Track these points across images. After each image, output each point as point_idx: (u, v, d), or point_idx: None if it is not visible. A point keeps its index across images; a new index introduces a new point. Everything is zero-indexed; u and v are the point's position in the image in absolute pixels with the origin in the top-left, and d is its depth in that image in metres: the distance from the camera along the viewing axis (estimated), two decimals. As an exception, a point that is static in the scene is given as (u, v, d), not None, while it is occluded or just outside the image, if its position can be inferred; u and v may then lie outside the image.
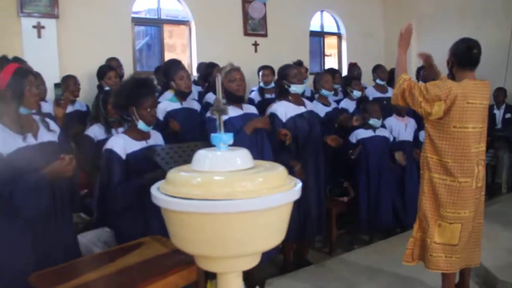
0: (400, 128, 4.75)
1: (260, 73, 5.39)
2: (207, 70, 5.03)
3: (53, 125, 2.57)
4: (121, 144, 2.80)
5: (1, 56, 2.46)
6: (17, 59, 2.44)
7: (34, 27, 5.33)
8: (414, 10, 8.08)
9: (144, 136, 2.91)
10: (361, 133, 4.49)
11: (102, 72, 4.78)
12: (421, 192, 2.89)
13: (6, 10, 5.23)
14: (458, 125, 2.71)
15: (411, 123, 4.85)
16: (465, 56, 2.82)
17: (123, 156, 2.77)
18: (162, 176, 2.50)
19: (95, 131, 3.66)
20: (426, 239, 2.84)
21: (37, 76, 2.52)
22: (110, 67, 4.88)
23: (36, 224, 2.36)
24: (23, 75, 2.33)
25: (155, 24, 6.96)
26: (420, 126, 4.79)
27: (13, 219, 2.32)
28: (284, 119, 3.65)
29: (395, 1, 8.66)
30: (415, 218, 2.97)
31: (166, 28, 7.10)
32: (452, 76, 2.94)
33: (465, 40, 2.86)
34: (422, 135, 4.80)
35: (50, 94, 4.27)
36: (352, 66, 6.66)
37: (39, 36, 5.36)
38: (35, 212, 2.29)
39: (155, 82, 3.97)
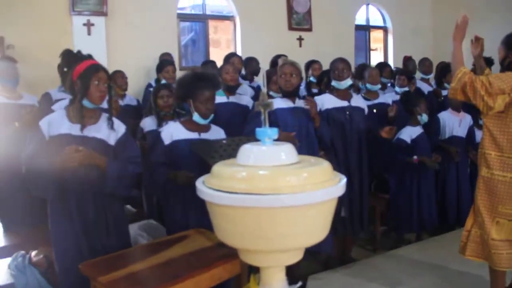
0: (454, 123, 4.57)
1: (311, 67, 5.36)
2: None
3: (118, 126, 2.61)
4: (170, 130, 2.90)
5: (76, 51, 2.56)
6: (90, 57, 2.53)
7: (84, 24, 5.51)
8: (463, 2, 7.79)
9: (199, 128, 2.93)
10: (413, 132, 4.33)
11: (159, 67, 4.91)
12: (477, 188, 2.79)
13: (59, 10, 5.44)
14: None
15: (467, 119, 4.65)
16: None
17: (167, 142, 2.85)
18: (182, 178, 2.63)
19: (146, 123, 3.78)
20: (484, 235, 2.75)
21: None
22: (169, 62, 4.99)
23: (86, 214, 2.46)
24: (94, 70, 2.43)
25: (200, 20, 7.03)
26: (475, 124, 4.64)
27: (63, 207, 2.45)
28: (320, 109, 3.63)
29: (444, -7, 8.39)
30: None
31: (211, 24, 7.16)
32: (502, 69, 2.82)
33: None
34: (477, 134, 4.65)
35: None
36: (407, 60, 6.48)
37: (89, 33, 5.53)
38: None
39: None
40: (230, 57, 5.27)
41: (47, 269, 2.77)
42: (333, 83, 3.70)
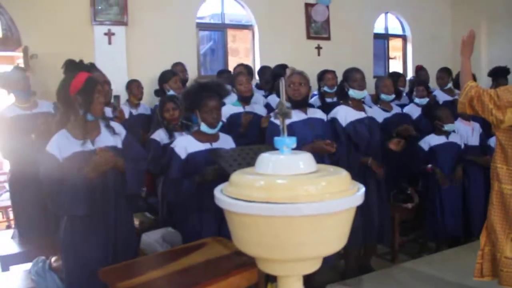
0: (467, 133, 4.53)
1: (325, 77, 5.35)
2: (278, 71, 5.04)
3: (118, 129, 2.68)
4: (183, 144, 2.92)
5: (78, 61, 2.60)
6: (92, 66, 2.57)
7: (105, 34, 5.60)
8: (484, 10, 7.72)
9: (210, 138, 2.96)
10: (433, 140, 4.32)
11: (165, 77, 4.91)
12: (490, 203, 2.73)
13: (81, 20, 5.54)
14: None
15: (476, 127, 4.62)
16: None
17: (183, 156, 2.87)
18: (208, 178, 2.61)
19: (161, 135, 3.79)
20: (496, 253, 2.68)
21: (105, 84, 2.66)
22: (173, 73, 5.01)
23: (88, 222, 2.49)
24: (94, 84, 2.48)
25: (219, 29, 7.09)
26: (485, 131, 4.58)
27: (82, 219, 2.48)
28: (344, 124, 3.58)
29: (463, 1, 8.31)
30: (480, 226, 2.81)
31: (230, 33, 7.20)
32: None
33: None
34: (492, 141, 4.61)
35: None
36: (419, 70, 6.43)
37: (109, 42, 5.62)
38: (80, 211, 2.43)
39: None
40: (238, 68, 5.36)
41: (67, 275, 2.81)
42: (351, 92, 3.66)
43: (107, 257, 2.51)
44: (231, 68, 6.37)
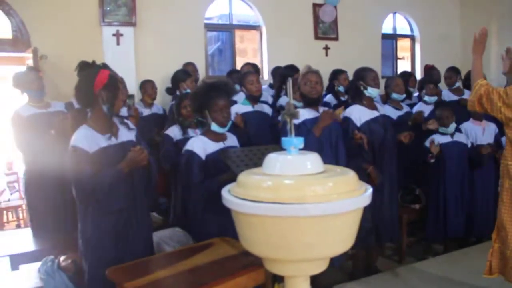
0: (476, 132, 4.52)
1: (339, 77, 5.37)
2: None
3: (131, 124, 2.75)
4: (201, 145, 2.91)
5: (91, 62, 2.63)
6: (105, 66, 2.60)
7: (113, 35, 5.62)
8: (492, 9, 7.66)
9: (221, 137, 2.99)
10: (437, 139, 4.31)
11: (182, 76, 4.93)
12: (500, 201, 2.72)
13: (90, 21, 5.58)
14: None
15: (490, 127, 4.59)
16: None
17: (203, 157, 2.87)
18: (233, 177, 2.59)
19: (175, 132, 3.82)
20: (506, 250, 2.67)
21: (122, 82, 2.71)
22: (188, 73, 5.02)
23: (117, 218, 2.52)
24: (117, 80, 2.55)
25: (226, 30, 7.10)
26: (502, 132, 4.55)
27: (100, 212, 2.49)
28: (358, 124, 3.57)
29: (472, 1, 8.25)
30: (488, 225, 2.80)
31: (238, 33, 7.21)
32: None
33: None
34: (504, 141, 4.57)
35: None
36: (428, 69, 6.40)
37: (118, 43, 5.64)
38: (116, 205, 2.48)
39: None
40: (245, 67, 5.40)
41: (75, 274, 2.83)
42: (370, 90, 3.65)
43: (129, 256, 2.51)
44: (239, 68, 6.37)
